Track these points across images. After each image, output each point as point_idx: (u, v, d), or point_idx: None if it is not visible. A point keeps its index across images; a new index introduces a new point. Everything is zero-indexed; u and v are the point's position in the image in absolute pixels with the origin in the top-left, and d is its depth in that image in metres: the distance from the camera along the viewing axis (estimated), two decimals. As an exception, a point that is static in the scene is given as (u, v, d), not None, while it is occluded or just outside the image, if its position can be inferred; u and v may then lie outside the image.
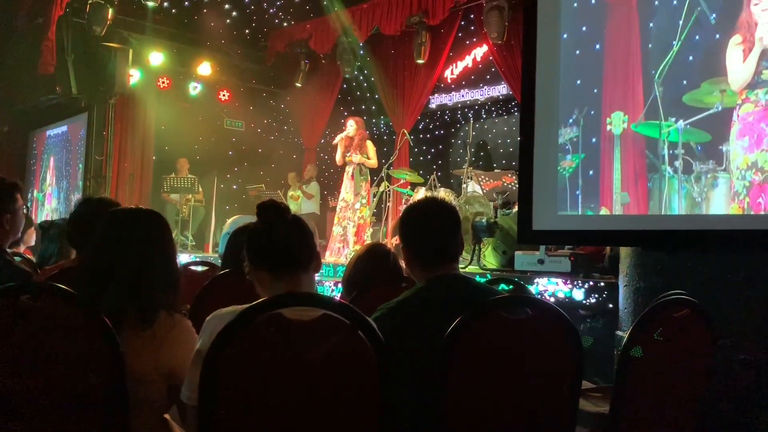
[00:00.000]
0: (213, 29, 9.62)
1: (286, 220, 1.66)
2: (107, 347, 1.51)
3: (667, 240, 3.19)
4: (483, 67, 9.62)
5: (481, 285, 1.96)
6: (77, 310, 1.53)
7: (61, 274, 2.26)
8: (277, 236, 1.64)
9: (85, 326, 1.52)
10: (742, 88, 2.96)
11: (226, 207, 9.99)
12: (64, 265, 2.47)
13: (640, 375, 1.85)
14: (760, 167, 2.86)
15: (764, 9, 2.91)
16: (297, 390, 1.39)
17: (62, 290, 1.53)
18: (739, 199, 2.94)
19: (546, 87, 3.56)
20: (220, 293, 2.47)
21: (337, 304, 1.44)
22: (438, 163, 10.47)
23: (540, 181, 3.54)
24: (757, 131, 2.90)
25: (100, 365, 1.53)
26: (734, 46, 2.99)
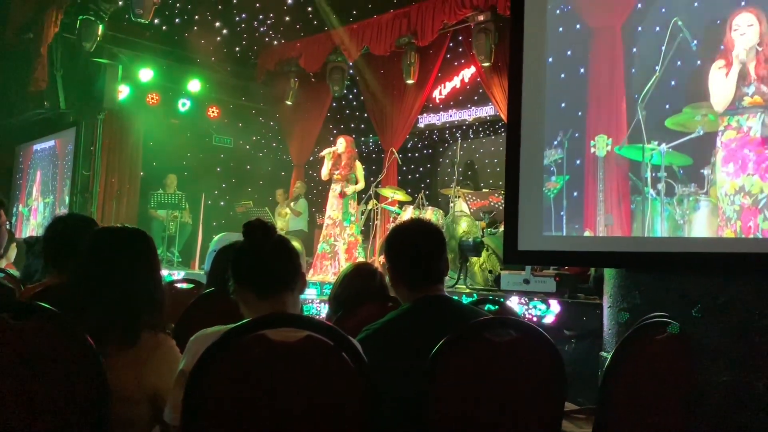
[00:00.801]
0: (203, 46, 9.65)
1: (272, 241, 1.67)
2: (90, 367, 1.51)
3: (650, 262, 3.23)
4: (471, 87, 9.71)
5: (465, 306, 1.97)
6: (60, 329, 1.52)
7: (45, 291, 2.24)
8: (262, 257, 1.64)
9: (68, 345, 1.52)
10: (723, 112, 3.02)
11: (214, 224, 9.96)
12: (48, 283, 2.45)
13: (622, 397, 1.86)
14: (747, 191, 2.92)
15: (742, 34, 2.98)
16: (281, 411, 1.39)
17: (45, 309, 1.52)
18: (731, 224, 2.98)
19: (531, 109, 3.61)
20: (205, 312, 2.46)
21: (321, 325, 1.45)
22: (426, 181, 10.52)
23: (525, 201, 3.57)
24: (741, 157, 2.96)
25: (83, 385, 1.52)
26: (717, 69, 3.06)
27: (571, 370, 3.79)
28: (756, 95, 2.94)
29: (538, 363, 1.68)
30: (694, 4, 3.19)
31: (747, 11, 2.98)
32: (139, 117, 9.54)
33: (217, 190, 10.56)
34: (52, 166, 9.90)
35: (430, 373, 1.55)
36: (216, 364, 1.34)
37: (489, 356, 1.64)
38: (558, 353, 1.71)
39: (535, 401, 1.68)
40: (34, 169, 10.44)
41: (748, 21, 2.98)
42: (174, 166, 9.86)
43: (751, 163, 2.92)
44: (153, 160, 9.88)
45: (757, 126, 2.92)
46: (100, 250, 1.75)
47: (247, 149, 11.06)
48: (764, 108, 2.91)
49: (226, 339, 1.35)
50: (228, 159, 10.95)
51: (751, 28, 2.96)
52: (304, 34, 9.66)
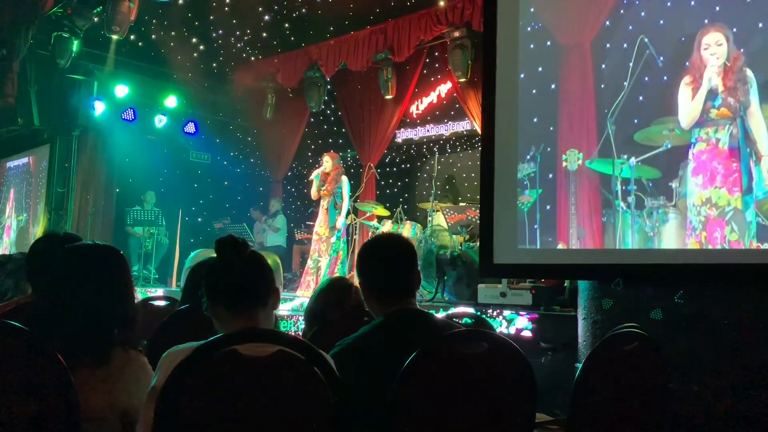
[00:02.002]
0: (180, 62, 9.63)
1: (244, 257, 1.67)
2: (61, 385, 1.49)
3: (621, 273, 3.29)
4: (447, 102, 9.80)
5: (437, 319, 1.99)
6: (30, 347, 1.51)
7: (16, 310, 2.22)
8: (234, 273, 1.65)
9: (38, 363, 1.51)
10: (691, 125, 3.10)
11: (191, 240, 9.88)
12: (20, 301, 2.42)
13: (593, 407, 1.89)
14: (714, 203, 2.99)
15: (713, 53, 3.07)
16: (253, 426, 1.39)
17: (15, 327, 1.51)
18: (696, 234, 3.05)
19: (505, 124, 3.67)
20: (179, 329, 2.44)
21: (292, 340, 1.45)
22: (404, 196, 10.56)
23: (500, 215, 3.62)
24: (710, 169, 3.04)
25: (54, 403, 1.51)
26: (684, 86, 3.14)
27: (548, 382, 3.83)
28: (723, 107, 3.03)
29: (508, 375, 1.70)
30: (659, 22, 3.28)
31: (715, 30, 3.08)
32: (115, 133, 9.47)
33: (194, 206, 10.49)
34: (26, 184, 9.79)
35: (400, 386, 1.56)
36: (187, 381, 1.34)
37: (460, 368, 1.66)
38: (528, 365, 1.73)
39: (506, 413, 1.70)
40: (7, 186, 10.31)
41: (717, 40, 3.07)
42: (151, 182, 9.78)
43: (719, 176, 3.00)
44: (129, 177, 9.79)
45: (725, 138, 3.00)
46: (70, 267, 1.74)
47: (225, 165, 11.02)
48: (731, 120, 3.00)
49: (196, 355, 1.35)
50: (205, 175, 10.89)
51: (721, 47, 3.06)
52: (281, 50, 9.69)
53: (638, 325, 2.13)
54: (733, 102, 3.00)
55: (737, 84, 2.99)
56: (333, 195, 7.49)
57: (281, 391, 1.42)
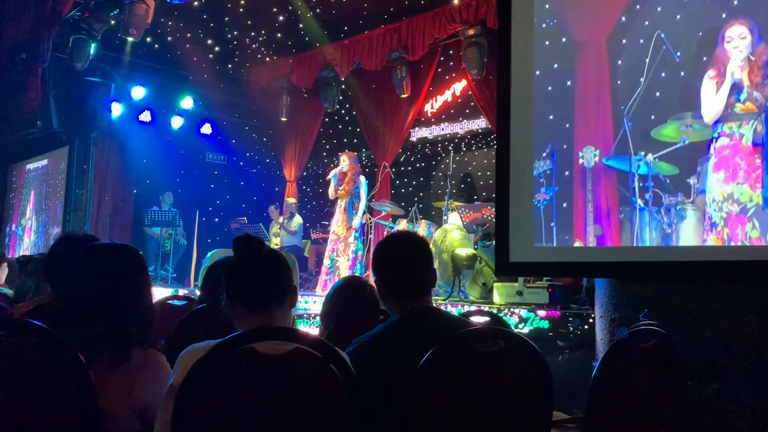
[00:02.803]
0: (195, 64, 9.70)
1: (261, 256, 1.68)
2: (80, 383, 1.51)
3: (639, 271, 3.26)
4: (462, 101, 9.77)
5: (453, 317, 1.99)
6: (51, 346, 1.53)
7: (37, 310, 2.25)
8: (252, 271, 1.66)
9: (59, 363, 1.52)
10: (714, 120, 3.06)
11: (208, 240, 9.96)
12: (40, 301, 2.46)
13: (610, 405, 1.88)
14: (736, 199, 2.96)
15: (735, 46, 3.04)
16: (269, 424, 1.40)
17: (36, 326, 1.53)
18: (717, 230, 3.02)
19: (520, 122, 3.65)
20: (196, 328, 2.47)
21: (309, 338, 1.46)
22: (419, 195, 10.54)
23: (516, 213, 3.60)
24: (732, 165, 3.00)
25: (74, 401, 1.53)
26: (708, 79, 3.11)
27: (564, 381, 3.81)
28: (748, 101, 2.99)
29: (525, 373, 1.70)
30: (676, 17, 3.25)
31: (739, 23, 3.04)
32: (132, 135, 9.57)
33: (211, 206, 10.57)
34: (46, 186, 9.91)
35: (416, 384, 1.56)
36: (205, 378, 1.36)
37: (475, 367, 1.65)
38: (545, 363, 1.72)
39: (523, 411, 1.70)
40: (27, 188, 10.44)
41: (740, 32, 3.03)
42: (168, 183, 9.88)
43: (742, 172, 2.96)
44: (146, 178, 9.89)
45: (749, 134, 2.96)
46: (89, 266, 1.76)
47: (241, 165, 11.09)
48: (756, 115, 2.96)
49: (214, 353, 1.36)
50: (221, 175, 10.97)
51: (744, 40, 3.02)
52: (295, 50, 9.72)
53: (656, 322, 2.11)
54: (759, 97, 2.96)
55: (764, 79, 2.95)
56: (351, 195, 7.50)
57: (298, 388, 1.43)
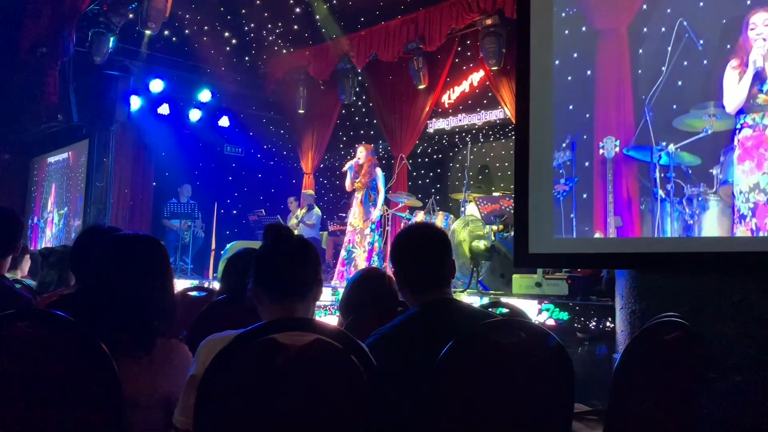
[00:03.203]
0: (213, 56, 9.74)
1: (290, 246, 1.67)
2: (104, 374, 1.53)
3: (661, 262, 3.22)
4: (480, 91, 9.72)
5: (473, 309, 1.99)
6: (75, 337, 1.55)
7: (60, 301, 2.28)
8: (281, 263, 1.65)
9: (83, 353, 1.54)
10: (736, 110, 3.01)
11: (227, 232, 10.03)
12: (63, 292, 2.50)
13: (632, 397, 1.86)
14: (762, 189, 2.91)
15: (759, 34, 2.98)
16: (290, 414, 1.41)
17: (60, 317, 1.55)
18: (745, 222, 2.97)
19: (539, 112, 3.61)
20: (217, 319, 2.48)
21: (330, 329, 1.46)
22: (436, 186, 10.52)
23: (535, 204, 3.57)
24: (757, 156, 2.95)
25: (98, 392, 1.55)
26: (731, 69, 3.05)
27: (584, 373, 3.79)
28: (771, 92, 2.93)
29: (546, 364, 1.69)
30: (699, 4, 3.19)
31: (764, 10, 2.98)
32: (151, 128, 9.65)
33: (229, 198, 10.64)
34: (66, 178, 10.03)
35: (436, 376, 1.56)
36: (226, 369, 1.36)
37: (496, 358, 1.65)
38: (566, 354, 1.71)
39: (544, 403, 1.69)
40: (48, 181, 10.58)
41: (765, 19, 2.97)
42: (186, 176, 9.95)
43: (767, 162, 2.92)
44: (165, 171, 9.98)
45: (773, 124, 2.91)
46: (112, 257, 1.77)
47: (258, 158, 11.14)
48: (780, 106, 2.90)
49: (235, 343, 1.37)
50: (239, 168, 11.04)
51: (768, 27, 2.95)
52: (312, 42, 9.72)
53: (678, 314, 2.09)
54: (782, 86, 2.90)
55: (788, 68, 2.89)
56: (367, 187, 7.50)
57: (318, 379, 1.43)
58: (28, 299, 2.53)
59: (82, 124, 9.19)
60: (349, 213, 7.75)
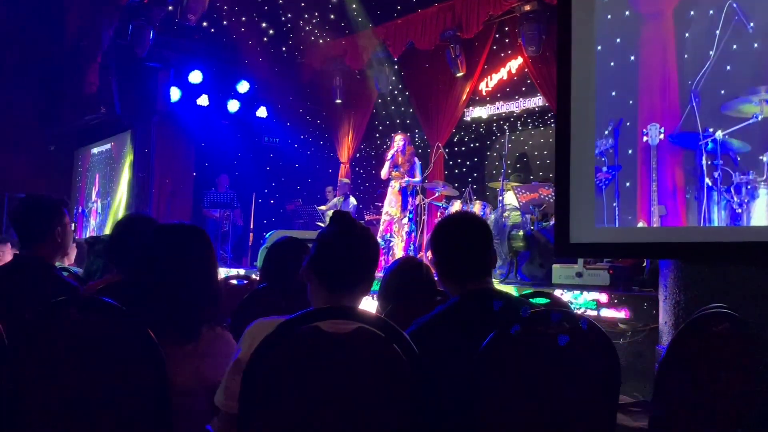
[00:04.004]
0: (251, 47, 9.82)
1: (353, 237, 1.66)
2: (152, 361, 1.55)
3: (707, 252, 3.14)
4: (518, 79, 9.58)
5: (515, 299, 1.96)
6: (123, 323, 1.58)
7: (106, 288, 2.33)
8: (339, 251, 1.65)
9: (130, 340, 1.57)
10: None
11: (264, 221, 10.14)
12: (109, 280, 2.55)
13: (680, 390, 1.82)
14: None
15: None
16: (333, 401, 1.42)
17: (109, 304, 1.58)
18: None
19: (581, 99, 3.55)
20: (258, 307, 2.51)
21: (373, 317, 1.46)
22: (473, 175, 10.43)
23: (577, 193, 3.51)
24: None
25: (145, 378, 1.57)
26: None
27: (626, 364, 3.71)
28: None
29: (591, 355, 1.66)
30: (750, -16, 3.08)
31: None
32: (191, 119, 9.80)
33: (266, 188, 10.75)
34: (109, 169, 10.26)
35: (479, 365, 1.55)
36: (270, 355, 1.38)
37: (541, 349, 1.63)
38: (612, 345, 1.68)
39: (589, 394, 1.66)
40: (92, 172, 10.83)
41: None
42: (225, 166, 10.09)
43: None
44: (205, 161, 10.13)
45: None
46: (159, 246, 1.80)
47: (295, 148, 11.22)
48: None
49: (280, 330, 1.38)
50: (277, 158, 11.13)
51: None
52: (348, 32, 9.71)
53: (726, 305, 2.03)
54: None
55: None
56: (406, 176, 7.51)
57: (361, 367, 1.44)
58: (76, 287, 2.59)
59: (124, 115, 9.37)
60: (385, 202, 7.75)
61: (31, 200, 2.67)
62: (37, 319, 1.59)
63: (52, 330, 1.60)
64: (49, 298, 1.62)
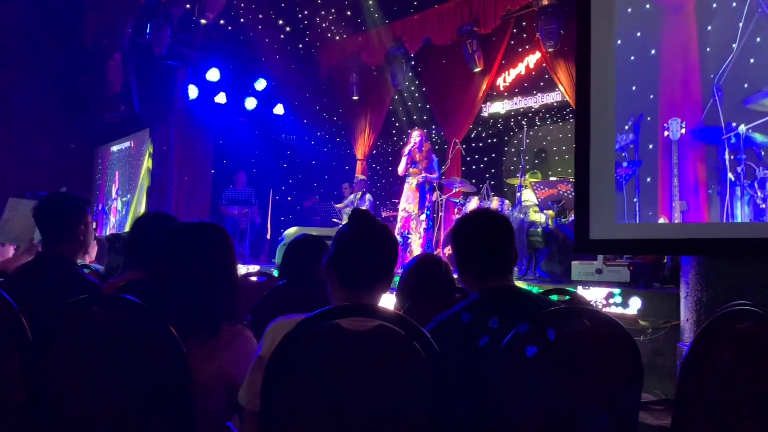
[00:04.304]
0: (267, 44, 9.85)
1: (373, 235, 1.66)
2: (174, 357, 1.56)
3: (730, 248, 3.09)
4: (536, 74, 9.51)
5: (536, 296, 1.95)
6: (145, 321, 1.59)
7: (127, 286, 2.35)
8: (358, 248, 1.65)
9: (152, 337, 1.58)
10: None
11: (282, 218, 10.18)
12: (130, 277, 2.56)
13: (703, 388, 1.80)
14: None
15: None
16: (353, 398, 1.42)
17: (131, 302, 1.59)
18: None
19: (601, 94, 3.51)
20: (278, 304, 2.52)
21: (393, 315, 1.46)
22: (491, 171, 10.39)
23: (596, 189, 3.48)
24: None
25: (167, 375, 1.58)
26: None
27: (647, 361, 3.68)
28: None
29: (613, 353, 1.65)
30: (774, -24, 3.03)
31: None
32: (208, 116, 9.85)
33: (284, 185, 10.79)
34: (129, 166, 10.35)
35: (500, 363, 1.54)
36: (291, 352, 1.38)
37: (561, 347, 1.61)
38: (633, 342, 1.67)
39: (612, 391, 1.65)
40: (112, 169, 10.93)
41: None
42: (243, 163, 10.14)
43: None
44: (223, 158, 10.19)
45: None
46: (180, 244, 1.81)
47: (312, 145, 11.25)
48: None
49: (301, 328, 1.38)
50: (294, 155, 11.17)
51: None
52: (365, 28, 9.70)
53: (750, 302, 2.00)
54: None
55: None
56: (422, 172, 7.49)
57: (381, 364, 1.43)
58: (97, 284, 2.61)
59: (142, 113, 9.45)
60: (402, 199, 7.74)
61: (55, 199, 2.70)
62: (60, 317, 1.61)
63: (75, 327, 1.62)
64: (71, 296, 1.63)
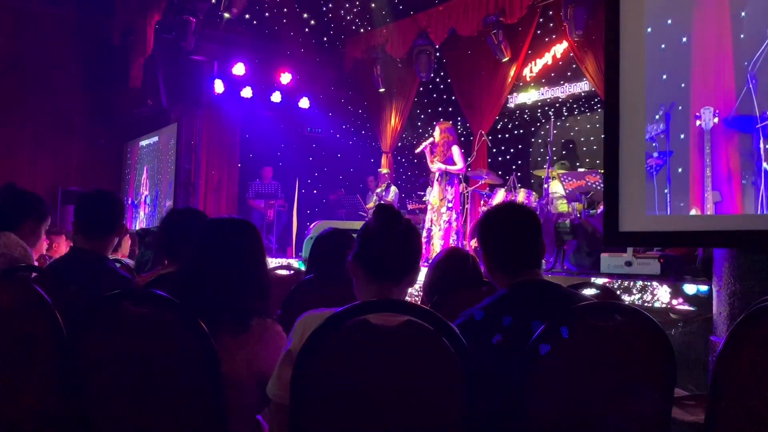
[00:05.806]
0: (292, 38, 9.88)
1: (397, 229, 1.66)
2: (205, 352, 1.57)
3: (764, 241, 3.02)
4: (563, 63, 9.40)
5: (566, 290, 1.93)
6: (177, 315, 1.61)
7: (158, 280, 2.38)
8: (384, 243, 1.65)
9: (183, 331, 1.59)
10: None
11: (308, 211, 10.23)
12: (161, 272, 2.60)
13: (738, 383, 1.76)
14: None
15: None
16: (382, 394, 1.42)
17: (162, 296, 1.61)
18: None
19: (630, 83, 3.45)
20: (306, 298, 2.53)
21: (421, 310, 1.45)
22: (518, 163, 10.31)
23: (626, 180, 3.43)
24: None
25: (198, 369, 1.60)
26: None
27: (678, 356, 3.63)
28: None
29: (645, 348, 1.62)
30: (811, -41, 2.94)
31: None
32: (235, 110, 9.93)
33: (309, 178, 10.83)
34: (157, 161, 10.48)
35: (530, 359, 1.53)
36: (320, 347, 1.38)
37: (593, 341, 1.59)
38: (665, 337, 1.64)
39: (644, 387, 1.62)
40: (141, 164, 11.08)
41: None
42: (269, 157, 10.21)
43: None
44: (249, 152, 10.26)
45: None
46: (211, 240, 1.83)
47: (337, 138, 11.27)
48: None
49: (330, 323, 1.39)
50: (319, 148, 11.20)
51: None
52: (389, 20, 9.67)
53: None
54: None
55: None
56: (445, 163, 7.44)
57: (410, 360, 1.43)
58: (129, 279, 2.65)
59: (170, 108, 9.55)
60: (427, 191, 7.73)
61: (99, 196, 2.73)
62: (94, 311, 1.63)
63: (108, 321, 1.64)
64: (105, 291, 1.66)
